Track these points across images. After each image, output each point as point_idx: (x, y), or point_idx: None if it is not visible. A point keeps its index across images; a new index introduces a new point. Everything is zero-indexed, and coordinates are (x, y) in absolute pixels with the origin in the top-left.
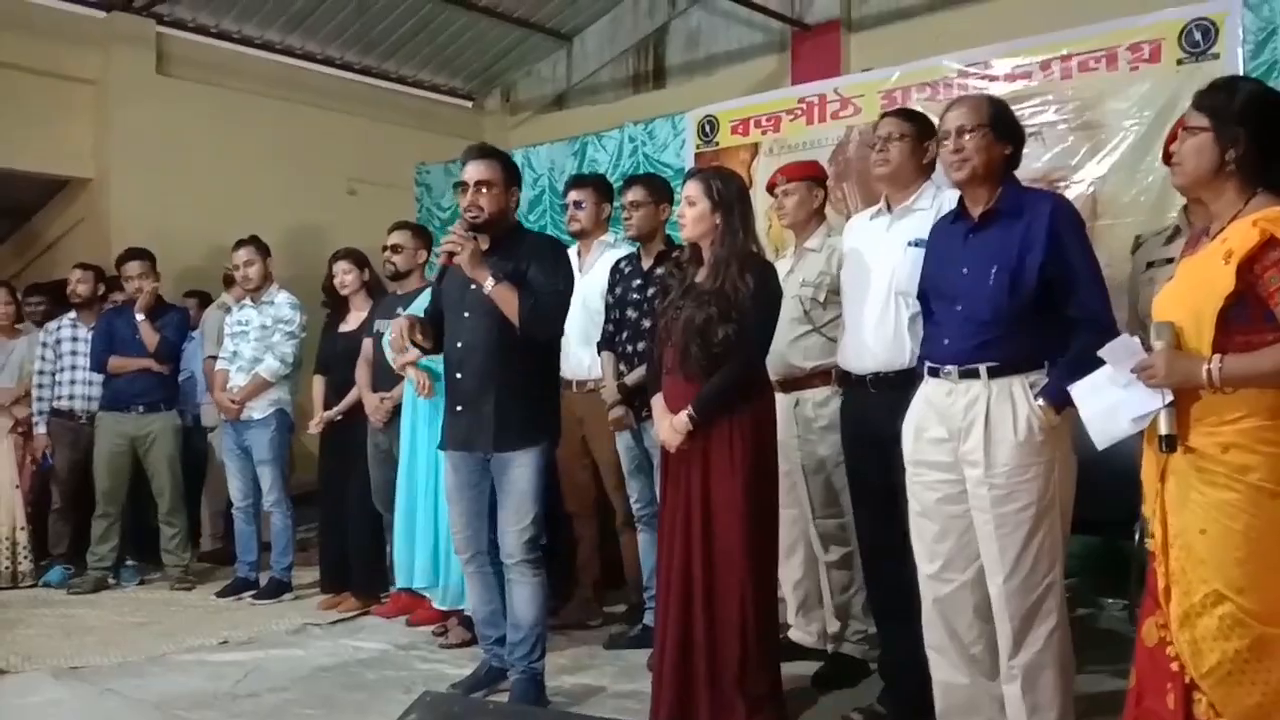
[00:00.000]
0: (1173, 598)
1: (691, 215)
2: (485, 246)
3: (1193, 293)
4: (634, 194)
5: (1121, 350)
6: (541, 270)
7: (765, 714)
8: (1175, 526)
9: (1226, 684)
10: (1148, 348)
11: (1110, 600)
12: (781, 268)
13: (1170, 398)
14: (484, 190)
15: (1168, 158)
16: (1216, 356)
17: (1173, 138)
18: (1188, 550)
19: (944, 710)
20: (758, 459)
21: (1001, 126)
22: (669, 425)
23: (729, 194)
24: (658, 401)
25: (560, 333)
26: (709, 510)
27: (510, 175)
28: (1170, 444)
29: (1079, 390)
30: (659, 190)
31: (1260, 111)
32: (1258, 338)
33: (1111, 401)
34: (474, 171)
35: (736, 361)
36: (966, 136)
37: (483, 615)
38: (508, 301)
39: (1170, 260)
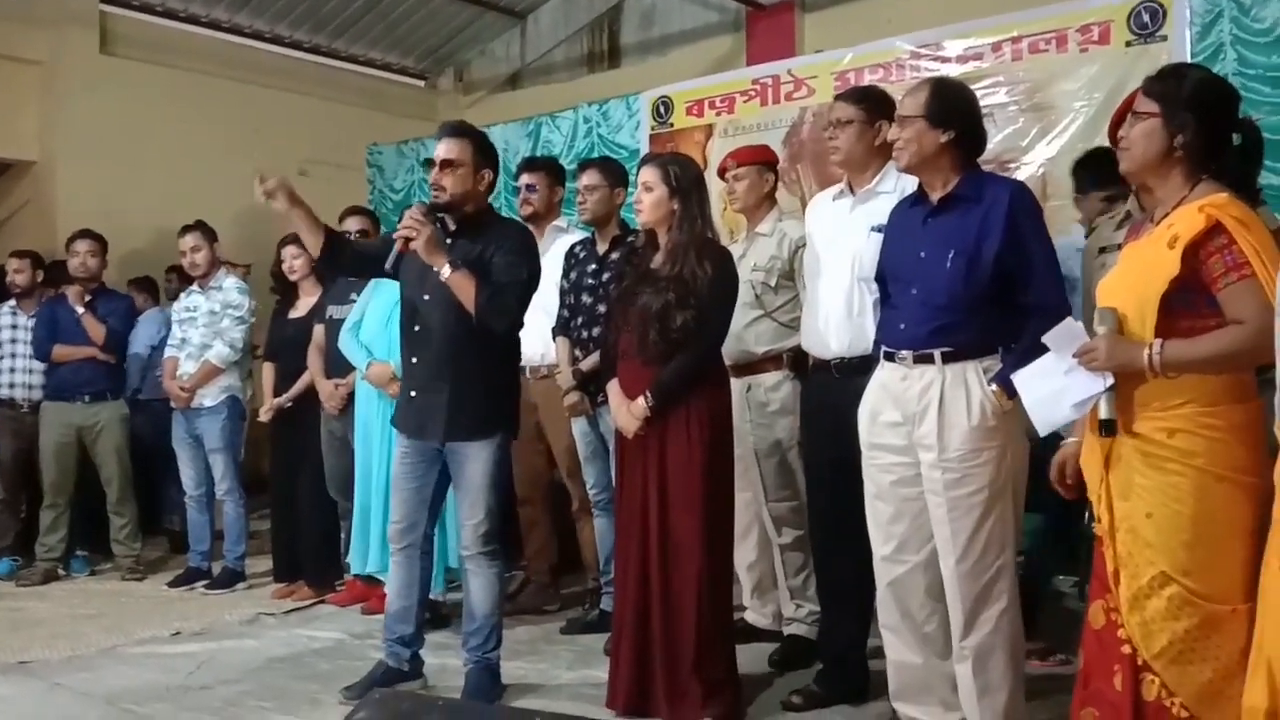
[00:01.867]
0: (1121, 581)
1: (648, 201)
2: (452, 227)
3: (1137, 278)
4: (588, 178)
5: (1064, 336)
6: (505, 259)
7: (721, 697)
8: (1121, 510)
9: (1179, 663)
10: (1092, 333)
11: (1061, 577)
12: (734, 252)
13: (1111, 382)
14: (449, 169)
15: (1114, 139)
16: (1158, 341)
17: (1118, 119)
18: (1134, 534)
19: (898, 689)
20: (714, 445)
21: (939, 114)
22: (626, 411)
23: (686, 180)
24: (614, 387)
25: (519, 324)
26: (665, 496)
27: (482, 156)
28: (1109, 428)
29: (1022, 377)
30: (614, 174)
31: (1208, 99)
32: (1200, 323)
33: (1054, 388)
34: (441, 150)
35: (694, 348)
36: (904, 126)
37: (395, 608)
38: (464, 289)
39: (1121, 246)
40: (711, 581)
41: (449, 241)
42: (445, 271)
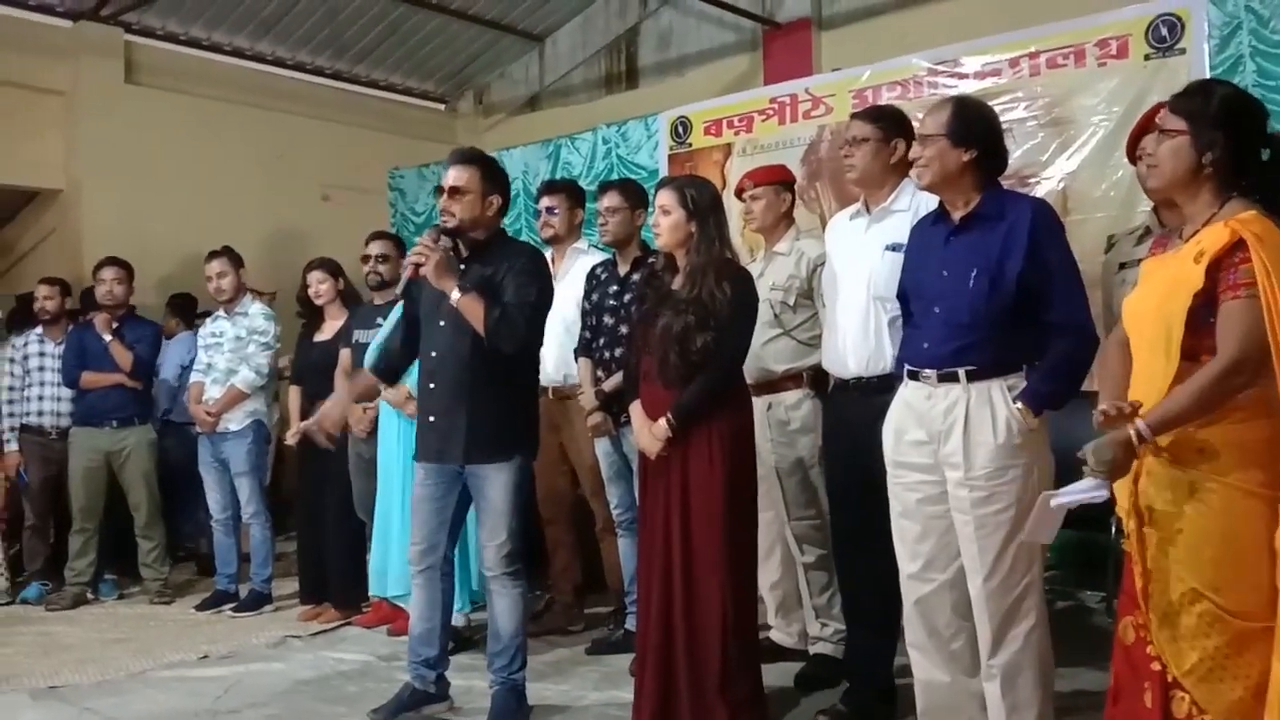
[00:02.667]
0: (1151, 597)
1: (666, 224)
2: (465, 253)
3: (1163, 295)
4: (609, 200)
5: (1047, 516)
6: (515, 281)
7: (747, 718)
8: (1151, 527)
9: (1209, 681)
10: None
11: (1089, 592)
12: (752, 271)
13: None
14: (457, 196)
15: (1132, 155)
16: (1141, 424)
17: (1138, 135)
18: (1164, 550)
19: (925, 709)
20: (736, 466)
21: (961, 133)
22: (648, 433)
23: (703, 202)
24: (636, 409)
25: (534, 345)
26: (688, 517)
27: (490, 181)
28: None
29: (1041, 538)
30: (634, 195)
31: (1237, 115)
32: None
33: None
34: (449, 177)
35: (715, 369)
36: (926, 145)
37: (419, 631)
38: (473, 312)
39: (1141, 261)
40: (735, 601)
41: (462, 268)
42: (455, 295)
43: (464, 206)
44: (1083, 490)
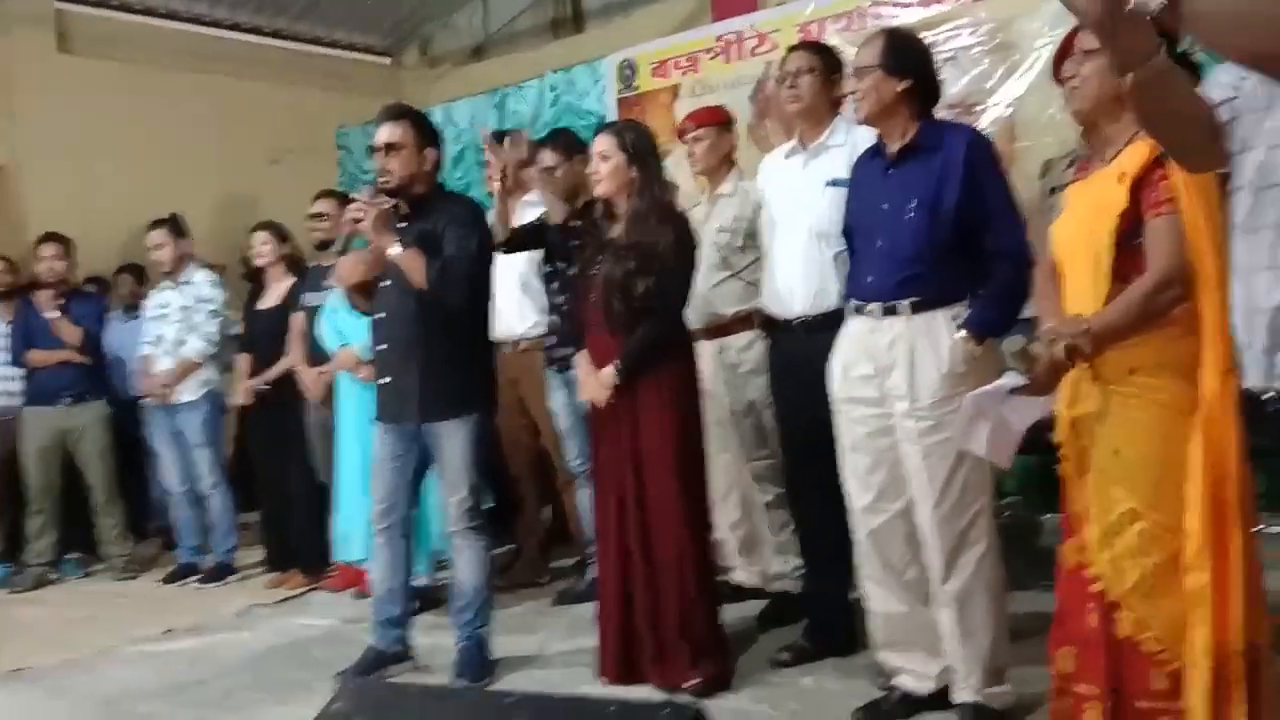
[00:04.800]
0: (1090, 519)
1: (606, 170)
2: (405, 210)
3: (1089, 218)
4: (548, 157)
5: (989, 397)
6: (455, 233)
7: (709, 658)
8: (1089, 449)
9: (1150, 598)
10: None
11: (1048, 516)
12: (697, 215)
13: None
14: (393, 153)
15: (1058, 77)
16: (1083, 327)
17: (1060, 57)
18: (1102, 472)
19: (884, 640)
20: (686, 409)
21: (895, 63)
22: (595, 381)
23: (643, 146)
24: (583, 359)
25: (481, 298)
26: (640, 463)
27: (423, 135)
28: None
29: (972, 445)
30: (572, 147)
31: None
32: None
33: (998, 427)
34: (382, 134)
35: (659, 314)
36: (862, 78)
37: (381, 591)
38: (413, 267)
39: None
40: (692, 544)
41: (404, 225)
42: (394, 250)
43: (400, 162)
44: (997, 386)
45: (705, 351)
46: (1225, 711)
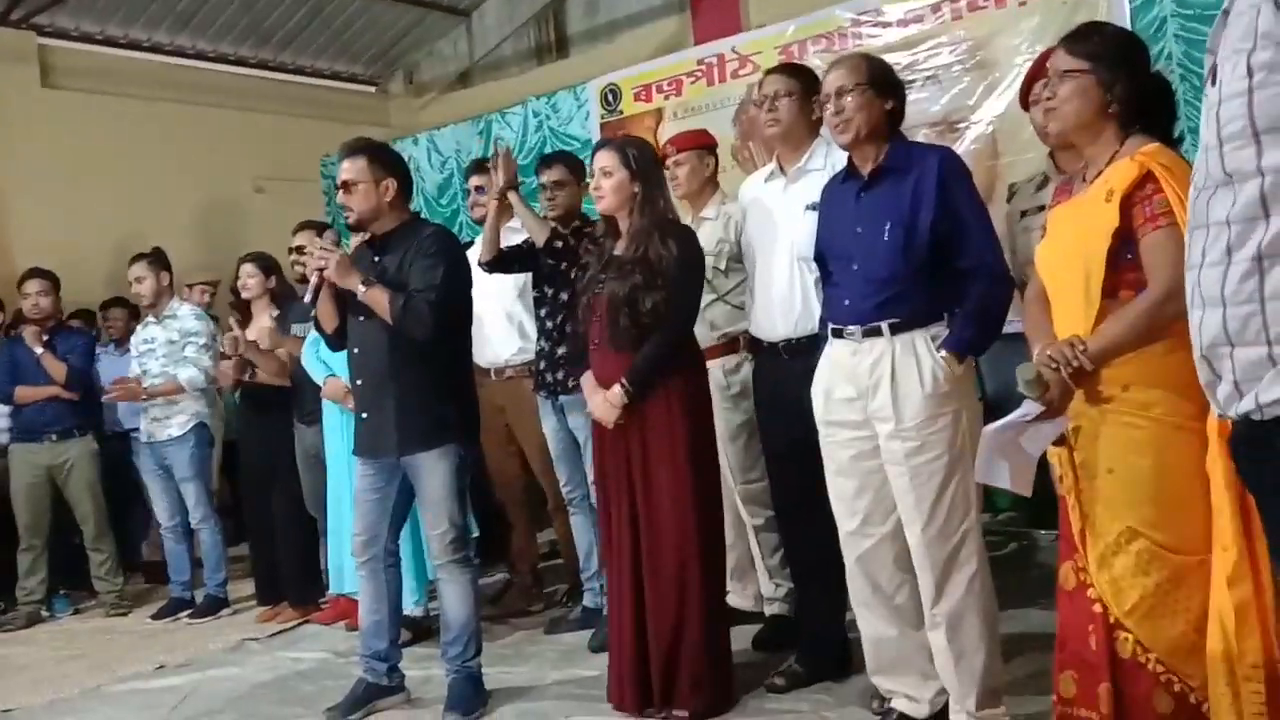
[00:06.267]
0: (1088, 540)
1: (609, 186)
2: (366, 239)
3: (1077, 239)
4: (555, 173)
5: (1008, 429)
6: (419, 265)
7: (718, 683)
8: (1084, 468)
9: (1151, 619)
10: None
11: (1043, 532)
12: None
13: (1069, 423)
14: (351, 189)
15: (1025, 101)
16: (1080, 344)
17: (1030, 80)
18: (1098, 491)
19: (875, 665)
20: (696, 427)
21: (881, 83)
22: (602, 400)
23: (645, 161)
24: (588, 379)
25: (455, 327)
26: (650, 485)
27: (381, 167)
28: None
29: (995, 479)
30: (577, 168)
31: (1132, 52)
32: (1144, 275)
33: (1016, 456)
34: (340, 172)
35: (667, 329)
36: (847, 97)
37: (368, 624)
38: (379, 304)
39: (1043, 208)
40: (704, 566)
41: (376, 259)
42: (360, 291)
43: (358, 198)
44: (1017, 416)
45: None
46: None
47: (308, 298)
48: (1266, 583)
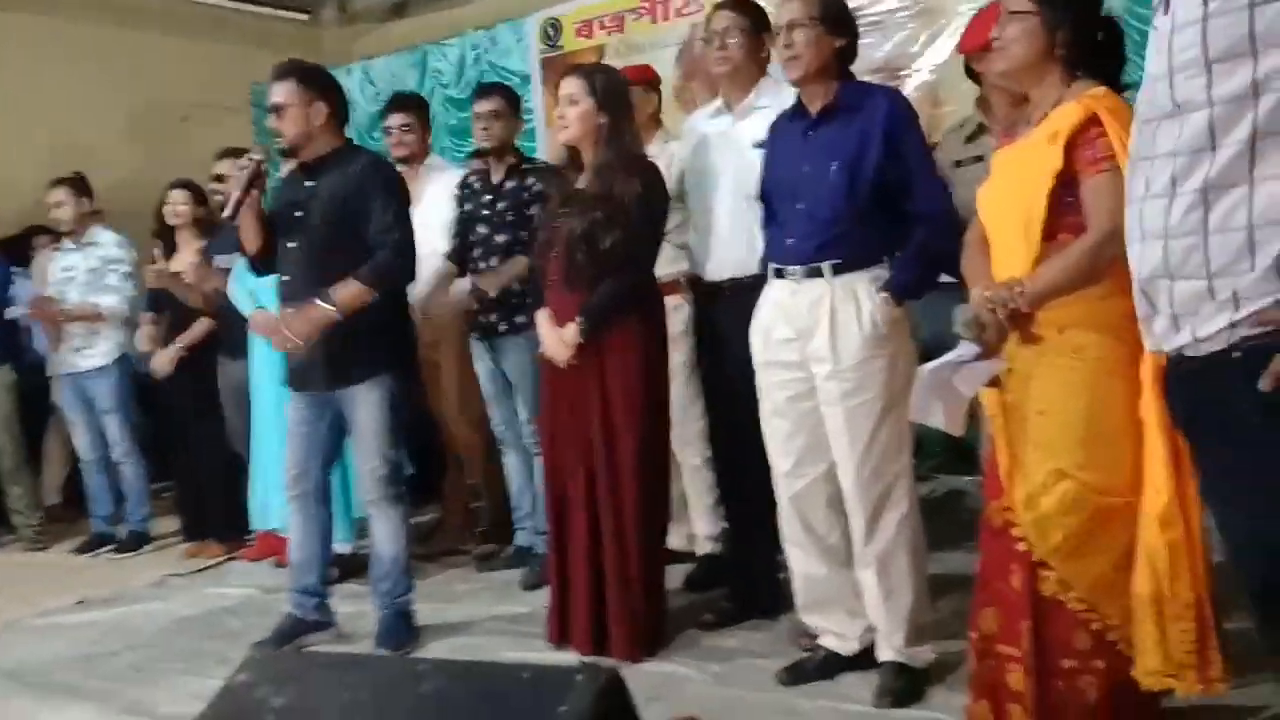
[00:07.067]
0: (1015, 480)
1: (574, 115)
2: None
3: (1019, 182)
4: (492, 103)
5: (944, 369)
6: (378, 209)
7: (654, 625)
8: (1015, 410)
9: (1074, 558)
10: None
11: (969, 478)
12: None
13: (1005, 363)
14: (282, 113)
15: (980, 46)
16: (1019, 287)
17: (980, 25)
18: (1028, 433)
19: (805, 602)
20: (653, 370)
21: (833, 19)
22: (556, 338)
23: (613, 91)
24: (543, 316)
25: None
26: (606, 427)
27: (310, 89)
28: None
29: (929, 418)
30: (515, 100)
31: None
32: (1081, 219)
33: (950, 397)
34: (270, 96)
35: (626, 268)
36: (797, 31)
37: (297, 559)
38: (357, 298)
39: (979, 159)
40: (655, 509)
41: (309, 184)
42: (335, 312)
43: (289, 122)
44: (953, 356)
45: None
46: (1206, 659)
47: (227, 213)
48: (1196, 525)
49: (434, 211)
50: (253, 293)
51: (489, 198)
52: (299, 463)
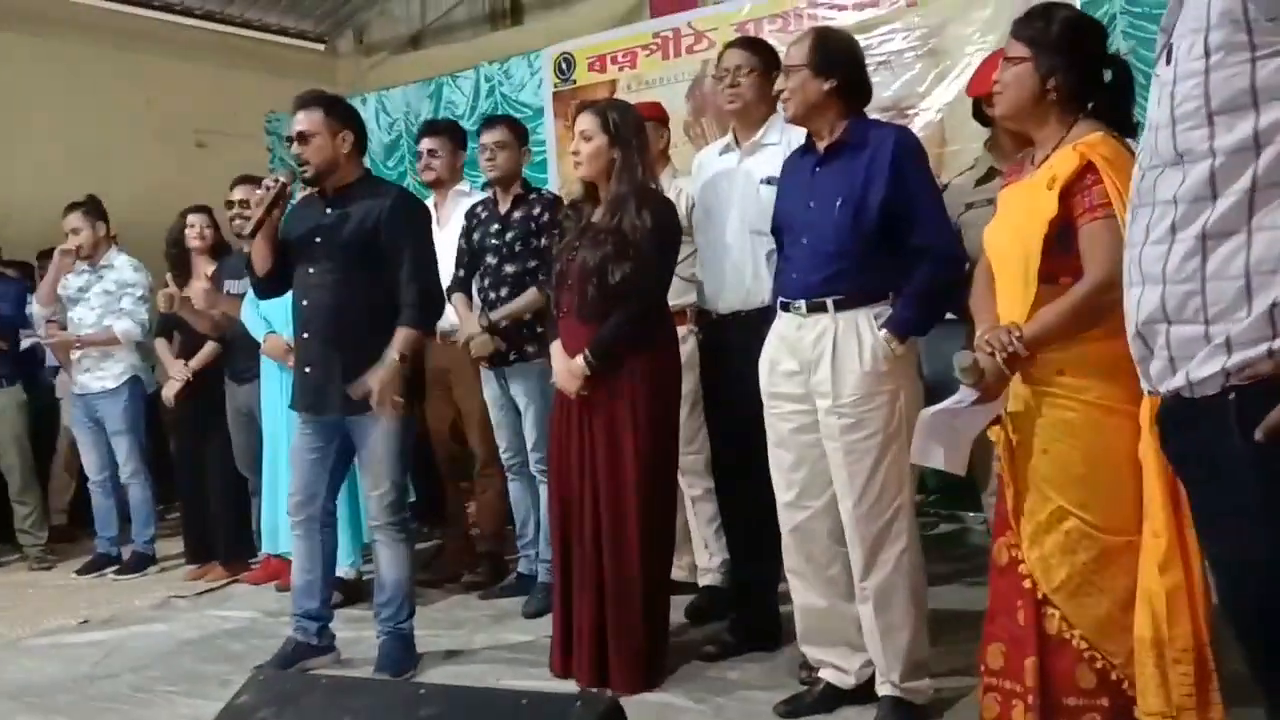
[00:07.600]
0: (1021, 517)
1: (587, 151)
2: (314, 191)
3: (1019, 222)
4: (497, 134)
5: (945, 414)
6: (408, 248)
7: (656, 658)
8: (1019, 449)
9: (1077, 596)
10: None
11: (971, 515)
12: None
13: (1001, 410)
14: (307, 142)
15: (984, 91)
16: (1016, 332)
17: (988, 69)
18: (1032, 471)
19: (804, 632)
20: (662, 403)
21: (822, 63)
22: (566, 370)
23: (626, 127)
24: (556, 347)
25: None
26: (613, 461)
27: (336, 119)
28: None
29: (930, 460)
30: (520, 131)
31: (1078, 38)
32: (1080, 263)
33: (951, 439)
34: (295, 123)
35: (634, 301)
36: (790, 75)
37: (300, 583)
38: (419, 342)
39: (991, 201)
40: (660, 542)
41: (330, 211)
42: (395, 365)
43: (314, 151)
44: (953, 401)
45: None
46: (1206, 701)
47: (247, 231)
48: (1196, 569)
49: (454, 236)
50: (267, 318)
51: (497, 227)
52: (304, 488)
